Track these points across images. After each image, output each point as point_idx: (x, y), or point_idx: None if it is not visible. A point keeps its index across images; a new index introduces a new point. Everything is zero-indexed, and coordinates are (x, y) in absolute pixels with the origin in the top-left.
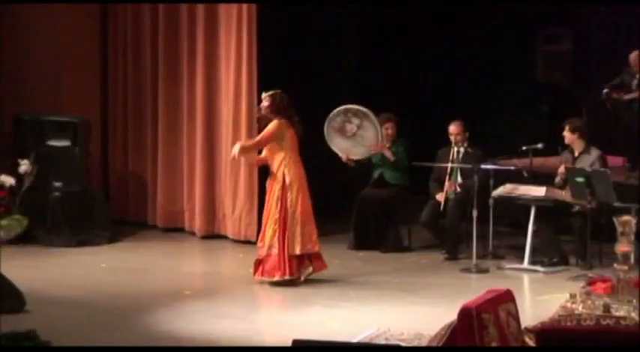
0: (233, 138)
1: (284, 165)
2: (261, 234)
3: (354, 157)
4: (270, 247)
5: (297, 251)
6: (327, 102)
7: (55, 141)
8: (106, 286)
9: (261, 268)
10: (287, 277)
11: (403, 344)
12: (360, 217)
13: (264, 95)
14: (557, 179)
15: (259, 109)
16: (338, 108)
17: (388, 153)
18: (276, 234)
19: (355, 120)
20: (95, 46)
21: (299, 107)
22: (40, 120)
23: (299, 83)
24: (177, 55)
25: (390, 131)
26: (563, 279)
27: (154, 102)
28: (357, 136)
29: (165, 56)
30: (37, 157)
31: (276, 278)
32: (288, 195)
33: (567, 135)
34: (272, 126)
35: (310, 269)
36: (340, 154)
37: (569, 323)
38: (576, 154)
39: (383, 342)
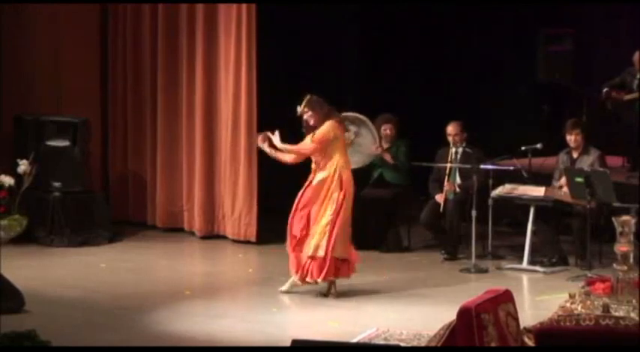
0: (232, 139)
1: (340, 167)
2: (303, 234)
3: (354, 166)
4: (317, 248)
5: (339, 254)
6: (327, 102)
7: (55, 141)
8: (106, 286)
9: (304, 269)
10: (331, 278)
11: (402, 344)
12: (360, 217)
13: (300, 108)
14: (556, 184)
15: (305, 124)
16: None
17: (387, 157)
18: (325, 236)
19: (353, 128)
20: (95, 46)
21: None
22: (40, 121)
23: (299, 83)
24: (176, 55)
25: (389, 132)
26: (562, 279)
27: (154, 103)
28: (355, 144)
29: (164, 56)
30: (36, 157)
31: (319, 279)
32: (341, 198)
33: (578, 138)
34: (326, 128)
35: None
36: None
37: (568, 324)
38: (576, 155)
39: (382, 342)
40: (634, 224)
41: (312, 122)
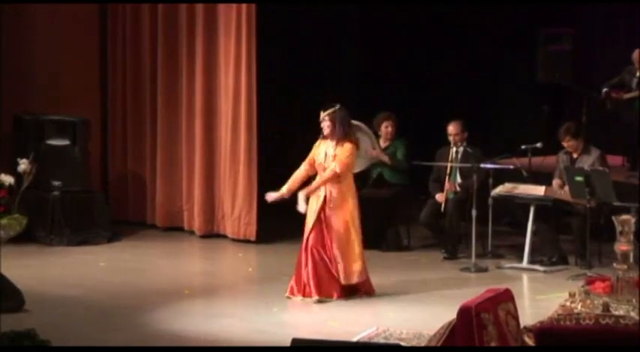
0: (232, 138)
1: (353, 185)
2: (352, 258)
3: (356, 170)
4: (360, 274)
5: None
6: (328, 102)
7: (54, 140)
8: (105, 285)
9: (368, 288)
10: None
11: (402, 343)
12: (360, 217)
13: (323, 114)
14: (554, 184)
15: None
16: None
17: (385, 158)
18: (362, 259)
19: None
20: (94, 46)
21: (298, 107)
22: (40, 120)
23: (299, 83)
24: (176, 55)
25: (389, 129)
26: (562, 279)
27: (154, 103)
28: None
29: (164, 56)
30: (36, 157)
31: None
32: (354, 210)
33: (571, 144)
34: (350, 152)
35: None
36: None
37: (568, 323)
38: (575, 156)
39: (382, 341)
40: (634, 223)
41: (325, 132)
